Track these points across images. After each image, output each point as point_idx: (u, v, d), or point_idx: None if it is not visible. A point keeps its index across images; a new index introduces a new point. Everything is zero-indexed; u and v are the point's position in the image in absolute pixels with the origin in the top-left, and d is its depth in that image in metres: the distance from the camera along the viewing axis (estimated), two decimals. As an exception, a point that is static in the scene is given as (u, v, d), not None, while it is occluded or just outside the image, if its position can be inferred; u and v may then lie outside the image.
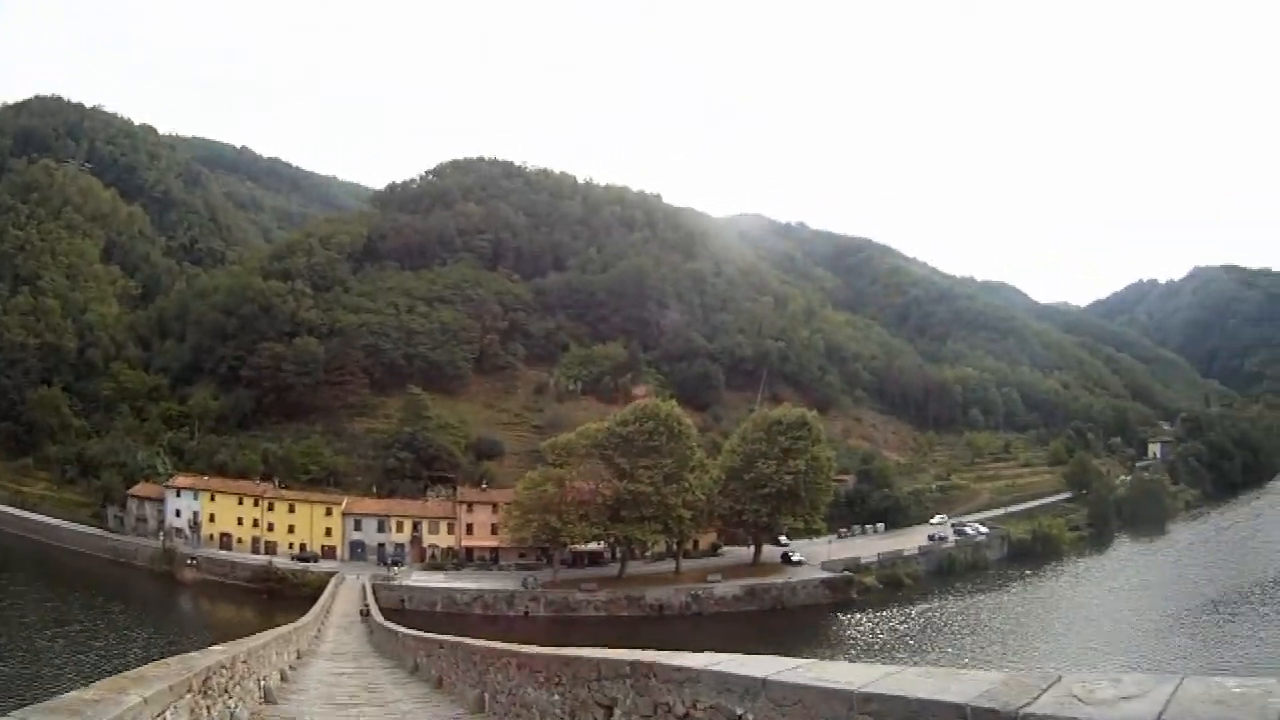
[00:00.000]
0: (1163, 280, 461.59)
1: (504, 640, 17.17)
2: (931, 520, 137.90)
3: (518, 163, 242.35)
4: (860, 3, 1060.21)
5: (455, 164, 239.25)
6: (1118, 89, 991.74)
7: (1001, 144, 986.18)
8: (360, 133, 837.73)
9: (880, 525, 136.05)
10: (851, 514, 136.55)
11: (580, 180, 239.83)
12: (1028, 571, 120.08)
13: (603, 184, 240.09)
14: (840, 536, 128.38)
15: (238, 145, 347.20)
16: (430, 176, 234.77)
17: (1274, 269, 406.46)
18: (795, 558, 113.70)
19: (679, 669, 6.58)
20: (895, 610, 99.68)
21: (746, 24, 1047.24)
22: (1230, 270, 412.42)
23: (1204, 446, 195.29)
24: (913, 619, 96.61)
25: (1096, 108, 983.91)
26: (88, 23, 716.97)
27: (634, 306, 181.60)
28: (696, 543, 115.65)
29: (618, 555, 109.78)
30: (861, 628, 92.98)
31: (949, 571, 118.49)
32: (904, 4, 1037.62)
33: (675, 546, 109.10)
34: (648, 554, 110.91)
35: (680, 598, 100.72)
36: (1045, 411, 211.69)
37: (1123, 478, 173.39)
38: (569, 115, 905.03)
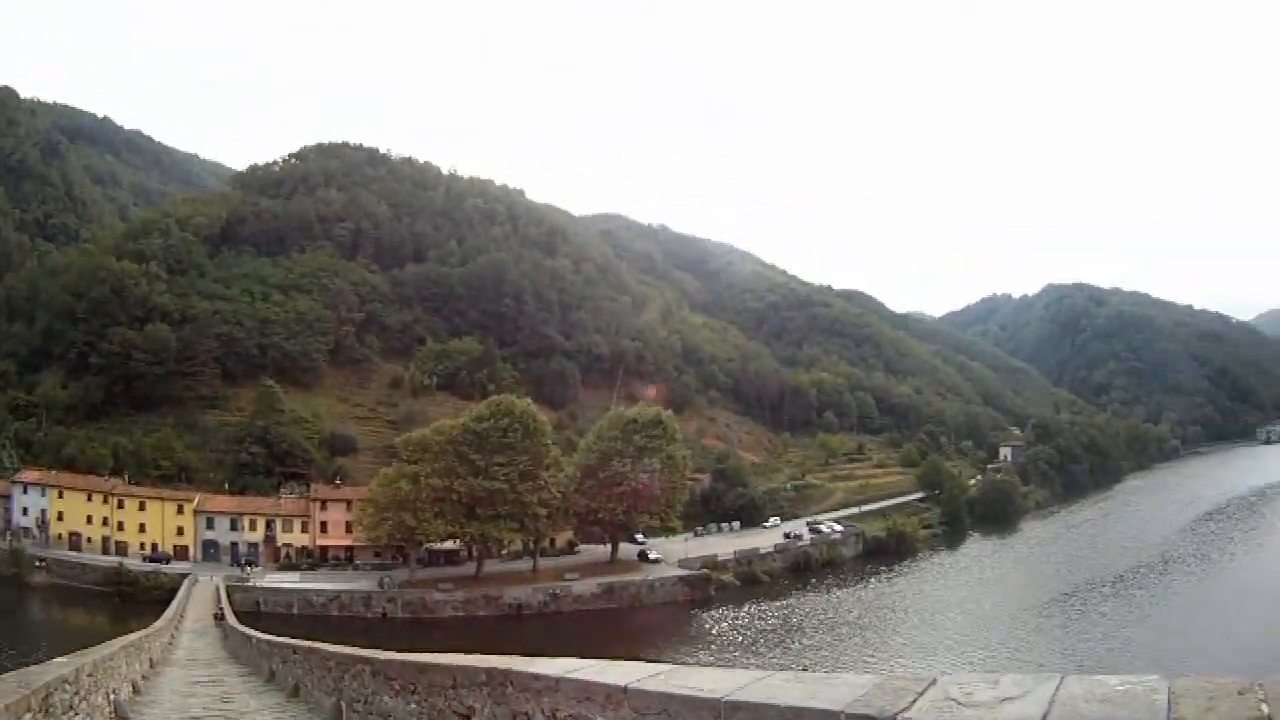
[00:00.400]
0: (1016, 295, 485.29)
1: (361, 644, 16.71)
2: (765, 524, 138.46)
3: (383, 150, 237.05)
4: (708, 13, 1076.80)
5: (319, 148, 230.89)
6: (977, 111, 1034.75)
7: (861, 158, 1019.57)
8: (226, 110, 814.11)
9: (736, 523, 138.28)
10: (707, 512, 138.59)
11: (444, 171, 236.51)
12: (883, 568, 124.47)
13: (466, 176, 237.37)
14: (696, 534, 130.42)
15: (99, 115, 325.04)
16: (293, 160, 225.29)
17: (1124, 289, 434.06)
18: (652, 555, 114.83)
19: (536, 677, 6.31)
20: (754, 607, 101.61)
21: (607, 28, 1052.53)
22: (1082, 288, 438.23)
23: (1054, 451, 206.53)
24: (772, 615, 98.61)
25: (955, 129, 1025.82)
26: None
27: (492, 301, 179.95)
28: (553, 541, 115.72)
29: (474, 554, 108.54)
30: (721, 625, 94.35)
31: (805, 568, 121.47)
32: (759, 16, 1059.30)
33: (532, 545, 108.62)
34: (504, 552, 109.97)
35: (538, 597, 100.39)
36: (898, 415, 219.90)
37: (975, 479, 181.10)
38: (422, 100, 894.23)
